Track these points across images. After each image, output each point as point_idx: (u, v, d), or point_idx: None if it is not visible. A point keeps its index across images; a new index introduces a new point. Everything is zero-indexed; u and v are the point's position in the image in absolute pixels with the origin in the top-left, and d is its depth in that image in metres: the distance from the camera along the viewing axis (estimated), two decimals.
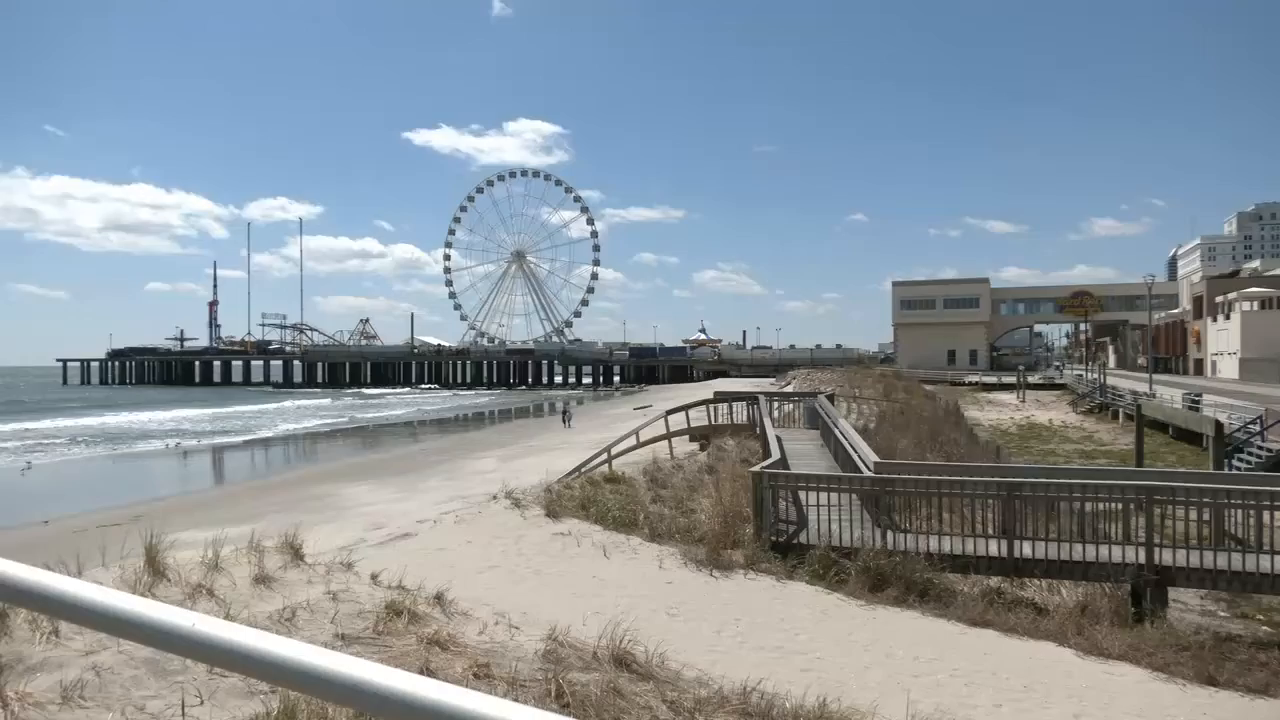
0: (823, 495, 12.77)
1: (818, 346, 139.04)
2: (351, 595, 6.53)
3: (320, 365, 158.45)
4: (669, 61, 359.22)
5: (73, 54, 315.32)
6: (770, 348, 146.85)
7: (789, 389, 51.62)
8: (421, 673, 5.07)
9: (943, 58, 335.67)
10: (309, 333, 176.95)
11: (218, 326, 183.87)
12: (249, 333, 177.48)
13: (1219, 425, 28.12)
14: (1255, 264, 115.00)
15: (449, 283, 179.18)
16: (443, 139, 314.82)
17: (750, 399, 31.18)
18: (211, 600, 6.07)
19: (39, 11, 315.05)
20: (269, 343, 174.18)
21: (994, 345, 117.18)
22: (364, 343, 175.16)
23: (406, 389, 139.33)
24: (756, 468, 13.55)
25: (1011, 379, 74.23)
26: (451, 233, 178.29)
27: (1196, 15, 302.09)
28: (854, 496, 13.18)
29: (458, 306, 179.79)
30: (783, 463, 15.34)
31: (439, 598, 6.83)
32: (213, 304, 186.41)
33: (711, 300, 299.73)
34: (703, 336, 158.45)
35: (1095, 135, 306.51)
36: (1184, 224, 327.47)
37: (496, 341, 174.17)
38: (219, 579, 6.48)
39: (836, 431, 20.37)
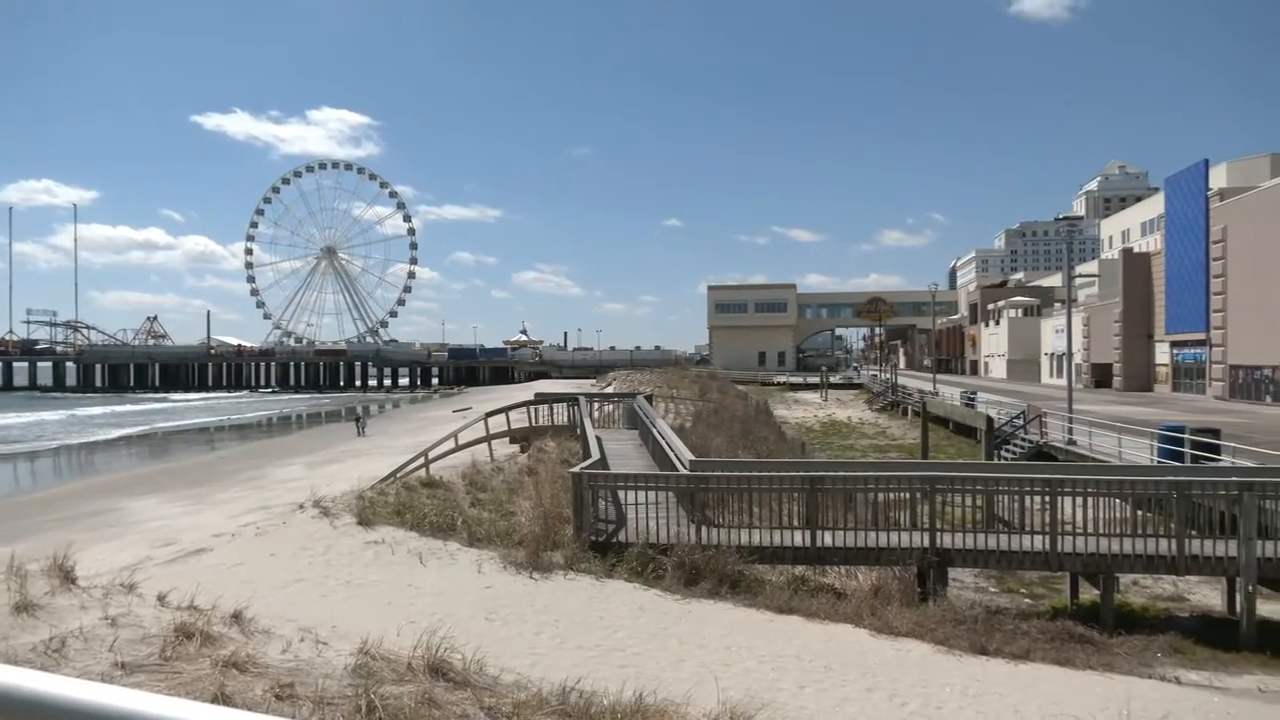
0: (641, 494, 13.05)
1: (637, 348, 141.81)
2: (134, 619, 5.97)
3: (100, 367, 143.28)
4: (483, 57, 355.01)
5: None
6: (591, 349, 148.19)
7: (609, 390, 52.33)
8: (216, 699, 4.74)
9: (748, 71, 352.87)
10: (85, 331, 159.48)
11: None
12: (10, 330, 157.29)
13: (990, 420, 31.32)
14: (1020, 275, 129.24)
15: (251, 279, 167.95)
16: (237, 124, 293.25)
17: (571, 400, 31.32)
18: None
19: None
20: (36, 342, 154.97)
21: (800, 347, 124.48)
22: (152, 343, 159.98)
23: (203, 393, 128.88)
24: (576, 468, 13.64)
25: (815, 379, 79.29)
26: (254, 225, 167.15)
27: (963, 54, 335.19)
28: (671, 494, 13.56)
29: (261, 304, 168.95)
30: (602, 463, 15.53)
31: (237, 616, 6.38)
32: None
33: (532, 301, 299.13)
34: (524, 338, 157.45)
35: (882, 153, 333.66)
36: (961, 237, 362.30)
37: (305, 342, 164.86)
38: None
39: (654, 431, 20.87)
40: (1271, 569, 11.99)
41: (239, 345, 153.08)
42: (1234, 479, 12.84)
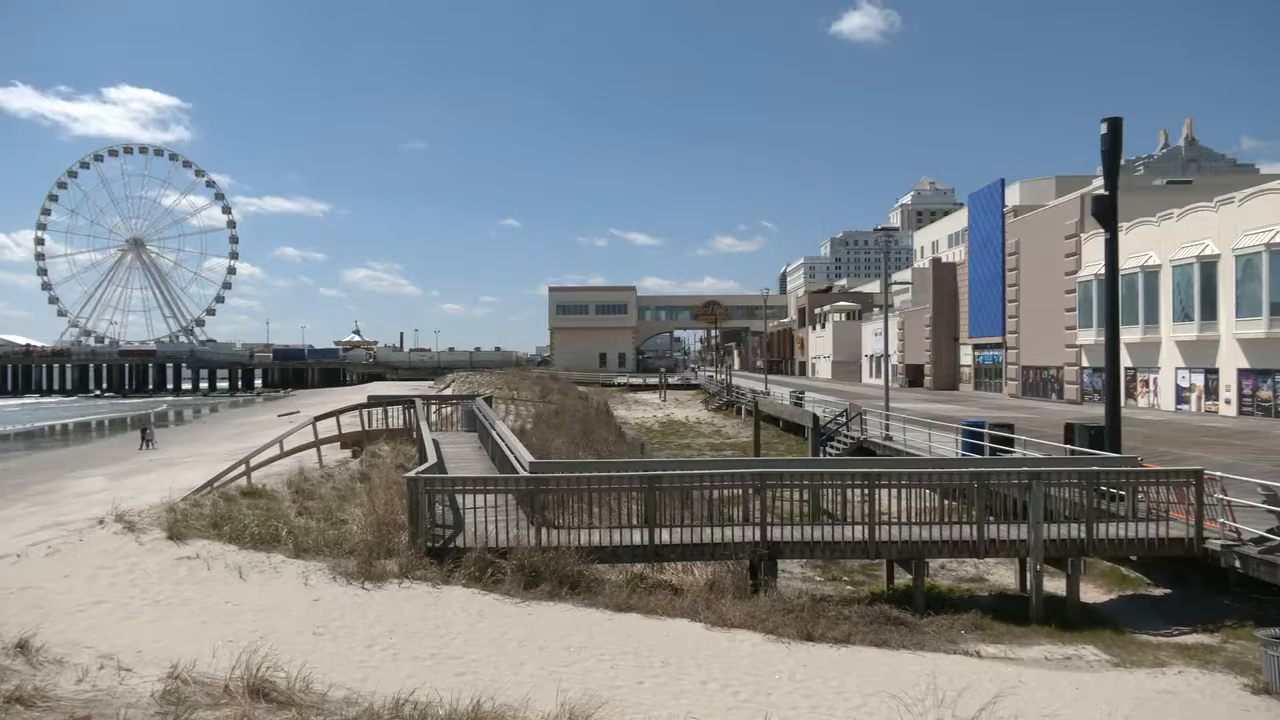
0: (480, 497, 12.83)
1: (477, 349, 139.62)
2: None
3: None
4: (304, 38, 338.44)
5: None
6: (429, 350, 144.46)
7: (447, 392, 51.22)
8: None
9: (584, 78, 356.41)
10: None
11: None
12: None
13: (815, 418, 33.03)
14: (843, 281, 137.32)
15: (43, 271, 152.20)
16: (19, 100, 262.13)
17: (407, 403, 30.38)
18: None
19: None
20: None
21: (640, 349, 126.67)
22: None
23: None
24: (412, 473, 13.23)
25: (654, 380, 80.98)
26: (46, 213, 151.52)
27: (790, 71, 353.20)
28: (510, 496, 13.43)
29: (54, 300, 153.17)
30: (440, 466, 15.17)
31: (22, 646, 5.76)
32: None
33: (365, 300, 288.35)
34: (357, 338, 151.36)
35: (716, 162, 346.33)
36: (791, 244, 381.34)
37: (107, 341, 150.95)
38: None
39: (494, 433, 20.59)
40: (1056, 549, 13.34)
41: (27, 345, 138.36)
42: (1024, 469, 14.19)
